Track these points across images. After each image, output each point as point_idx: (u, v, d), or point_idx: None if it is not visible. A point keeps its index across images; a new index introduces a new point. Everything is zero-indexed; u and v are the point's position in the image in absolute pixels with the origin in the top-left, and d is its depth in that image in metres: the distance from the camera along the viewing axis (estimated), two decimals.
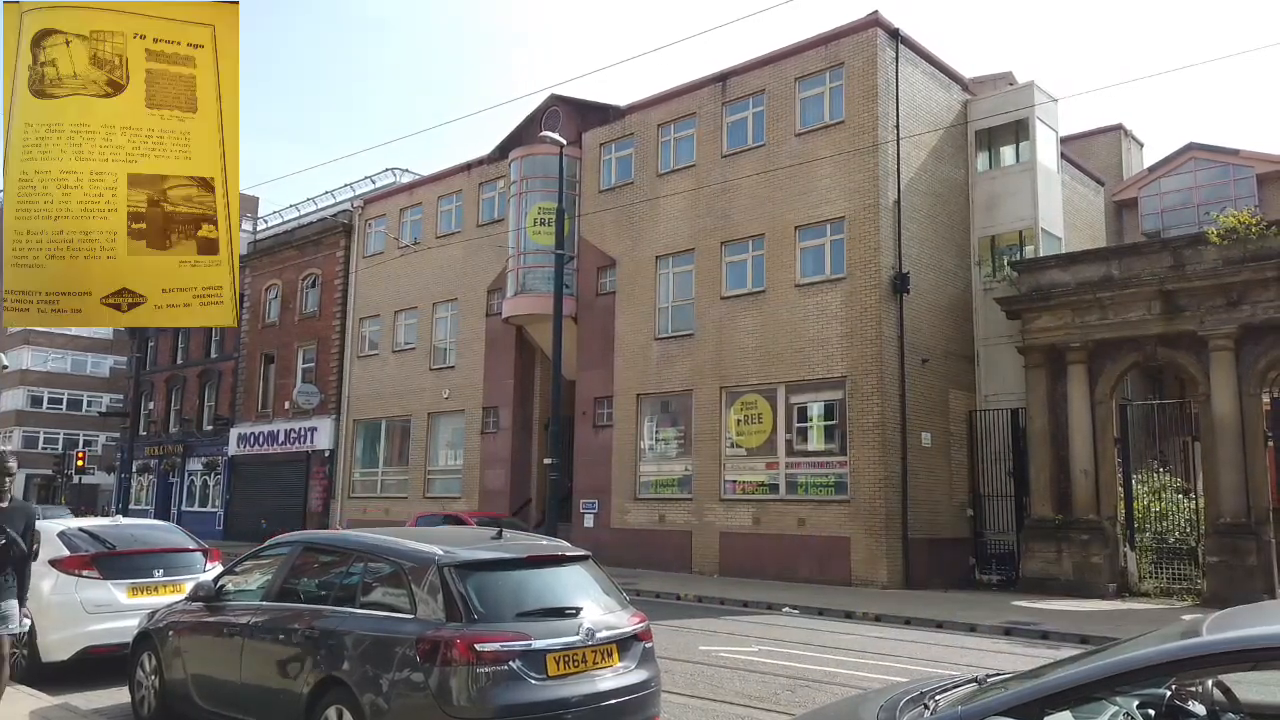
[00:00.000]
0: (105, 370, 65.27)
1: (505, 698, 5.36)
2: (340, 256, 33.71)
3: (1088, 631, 13.17)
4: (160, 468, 41.05)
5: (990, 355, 22.01)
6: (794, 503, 20.57)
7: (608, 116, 25.64)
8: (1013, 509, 20.55)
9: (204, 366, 39.58)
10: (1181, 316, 17.60)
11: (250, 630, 6.62)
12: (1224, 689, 3.57)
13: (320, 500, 32.60)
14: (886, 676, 9.55)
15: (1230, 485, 16.94)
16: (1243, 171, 27.30)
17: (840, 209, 20.60)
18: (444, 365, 29.25)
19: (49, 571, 9.24)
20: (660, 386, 23.48)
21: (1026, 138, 22.72)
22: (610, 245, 24.99)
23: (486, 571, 5.93)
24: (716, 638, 12.70)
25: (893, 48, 20.94)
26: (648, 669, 6.16)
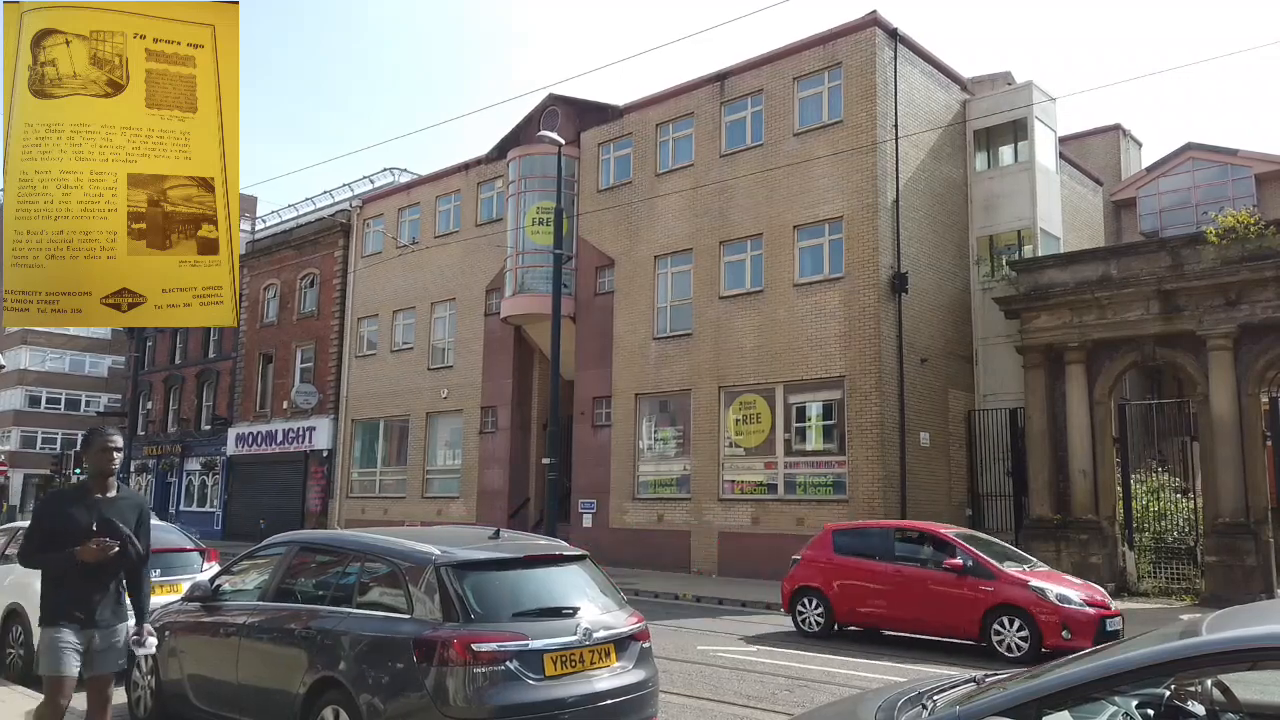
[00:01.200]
0: (103, 370, 65.22)
1: (502, 698, 5.35)
2: (338, 256, 33.70)
3: None
4: (158, 467, 41.02)
5: (989, 355, 22.02)
6: (792, 502, 20.57)
7: (606, 116, 25.63)
8: (1011, 509, 20.56)
9: (202, 366, 39.56)
10: (1180, 316, 17.60)
11: (247, 630, 6.60)
12: (1223, 689, 3.56)
13: (318, 500, 32.58)
14: (885, 677, 9.54)
15: (1229, 485, 16.94)
16: (1241, 171, 27.31)
17: (839, 209, 20.59)
18: (442, 365, 29.24)
19: None
20: (659, 386, 23.47)
21: (1025, 137, 22.73)
22: (609, 245, 24.98)
23: (483, 571, 5.91)
24: (715, 638, 12.69)
25: (891, 47, 20.94)
26: (645, 669, 6.14)
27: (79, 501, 5.26)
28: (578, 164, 25.81)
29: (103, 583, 5.22)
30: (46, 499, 5.50)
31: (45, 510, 5.33)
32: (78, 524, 5.13)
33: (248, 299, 37.14)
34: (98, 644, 5.17)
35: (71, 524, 5.14)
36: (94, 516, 5.17)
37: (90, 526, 5.12)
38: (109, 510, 5.25)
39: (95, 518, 5.17)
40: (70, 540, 5.08)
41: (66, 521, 5.16)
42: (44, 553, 5.17)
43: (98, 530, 5.12)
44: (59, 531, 5.14)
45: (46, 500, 5.48)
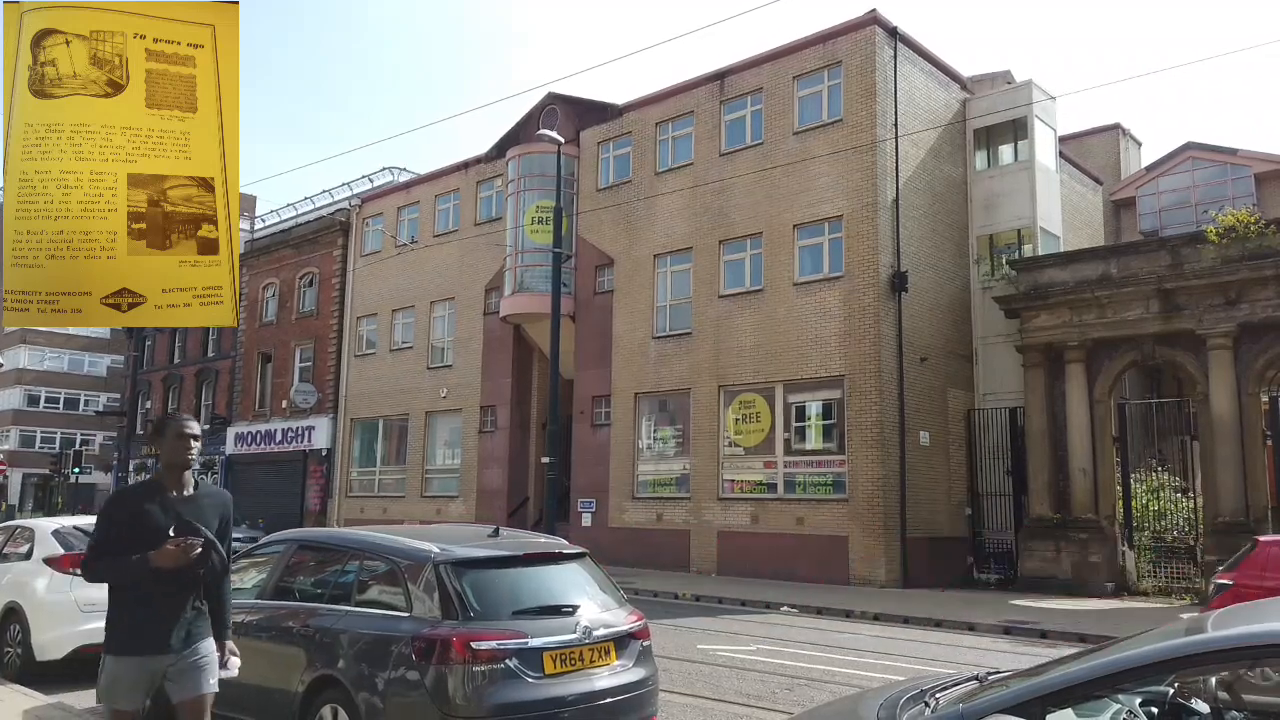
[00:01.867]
0: (102, 369, 65.16)
1: (501, 696, 5.33)
2: (338, 255, 33.66)
3: (1086, 630, 13.18)
4: (157, 467, 40.97)
5: (989, 354, 22.00)
6: (792, 502, 20.55)
7: (605, 115, 25.61)
8: (1011, 508, 20.55)
9: (201, 366, 39.53)
10: (1180, 315, 17.59)
11: (245, 629, 6.56)
12: (1227, 687, 3.55)
13: (318, 499, 32.56)
14: (885, 675, 9.52)
15: (1229, 484, 16.94)
16: (1241, 171, 27.30)
17: (838, 207, 20.57)
18: (441, 364, 29.22)
19: (43, 570, 9.22)
20: (658, 385, 23.45)
21: (1025, 136, 22.71)
22: (608, 244, 24.96)
23: (483, 569, 5.88)
24: (715, 637, 12.67)
25: (891, 46, 20.92)
26: (645, 667, 6.12)
27: (153, 500, 4.39)
28: (577, 163, 25.78)
29: (181, 597, 4.36)
30: (115, 498, 4.67)
31: (113, 511, 4.45)
32: (153, 527, 4.27)
33: (247, 298, 37.11)
34: (179, 666, 4.40)
35: (146, 527, 4.28)
36: (171, 519, 4.33)
37: (168, 530, 4.27)
38: (188, 510, 4.40)
39: (173, 520, 4.33)
40: (144, 546, 4.21)
41: (140, 524, 4.29)
42: (112, 560, 4.27)
43: (176, 534, 4.26)
44: (130, 537, 4.25)
45: (114, 499, 4.63)
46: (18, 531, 10.31)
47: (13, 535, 10.30)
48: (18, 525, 10.65)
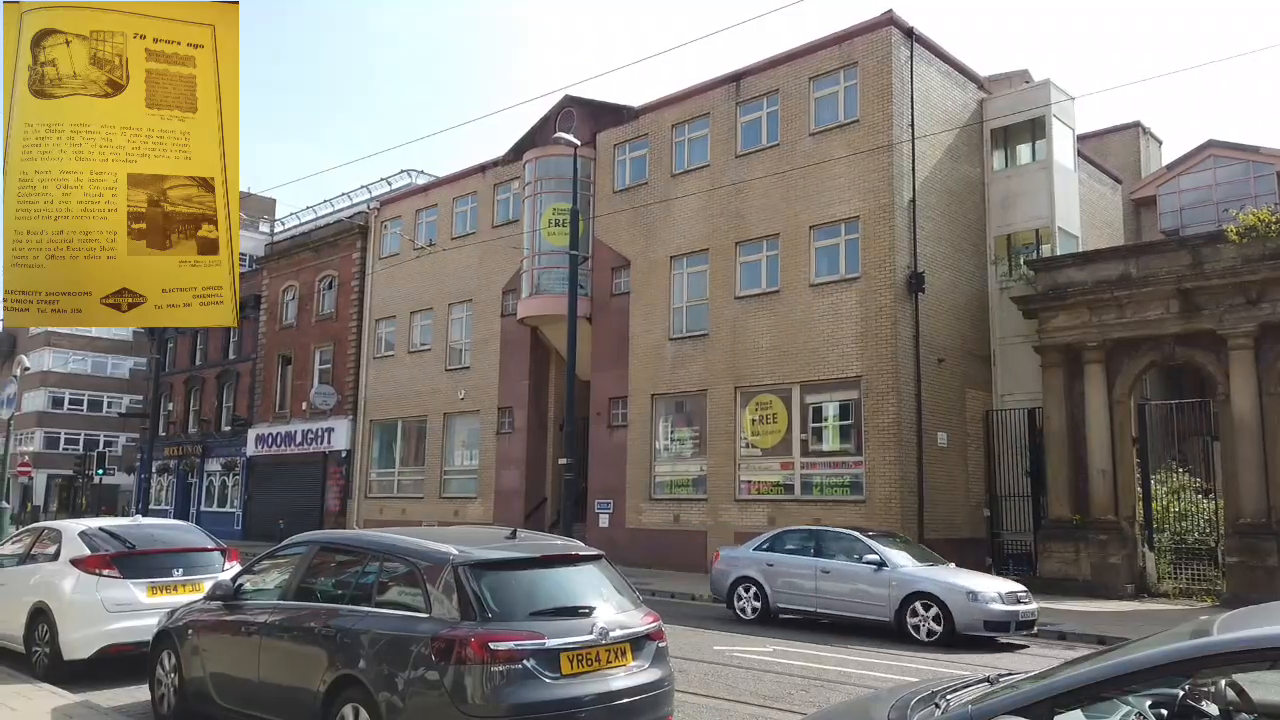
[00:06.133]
0: (125, 371, 65.85)
1: (519, 696, 5.40)
2: (356, 258, 33.90)
3: (1105, 632, 13.10)
4: (179, 468, 41.40)
5: (1007, 355, 21.89)
6: (809, 503, 20.52)
7: (621, 117, 25.67)
8: (1030, 509, 20.43)
9: (222, 368, 39.89)
10: (1200, 315, 17.46)
11: (268, 629, 6.68)
12: (1237, 689, 3.56)
13: (337, 500, 32.79)
14: (899, 676, 9.53)
15: (1250, 485, 16.79)
16: (1263, 169, 27.02)
17: (855, 208, 20.54)
18: (459, 366, 29.37)
19: (70, 571, 9.36)
20: (675, 387, 23.48)
21: (1043, 136, 22.58)
22: (624, 246, 25.02)
23: (500, 571, 5.96)
24: (731, 638, 12.69)
25: (907, 46, 20.87)
26: (661, 668, 6.17)
27: None
28: (593, 165, 25.86)
29: None
30: None
31: None
32: None
33: (267, 301, 37.45)
34: None
35: None
36: None
37: None
38: None
39: None
40: None
41: None
42: None
43: None
44: None
45: None
46: (45, 533, 10.46)
47: (40, 537, 10.46)
48: (45, 527, 10.81)
